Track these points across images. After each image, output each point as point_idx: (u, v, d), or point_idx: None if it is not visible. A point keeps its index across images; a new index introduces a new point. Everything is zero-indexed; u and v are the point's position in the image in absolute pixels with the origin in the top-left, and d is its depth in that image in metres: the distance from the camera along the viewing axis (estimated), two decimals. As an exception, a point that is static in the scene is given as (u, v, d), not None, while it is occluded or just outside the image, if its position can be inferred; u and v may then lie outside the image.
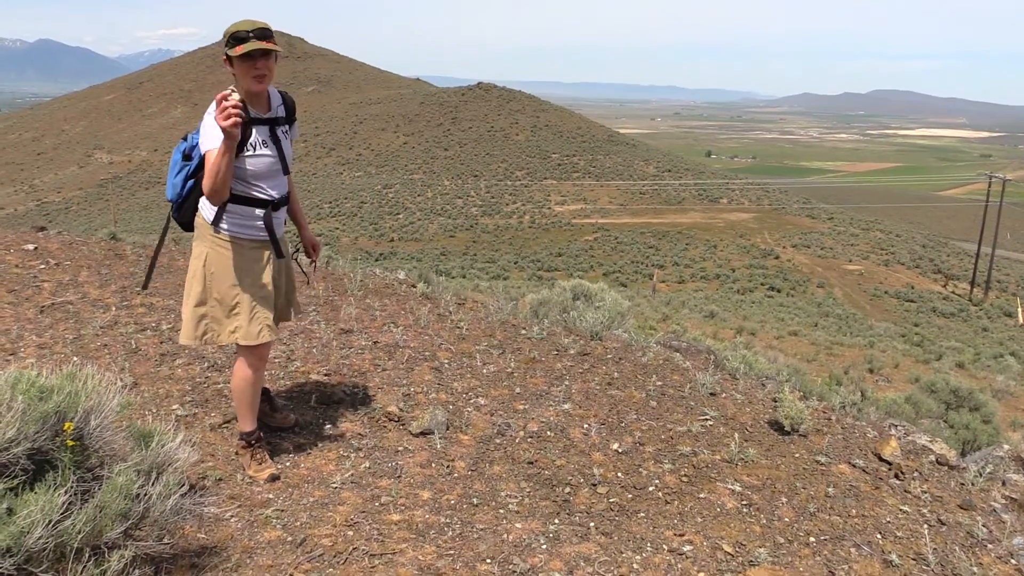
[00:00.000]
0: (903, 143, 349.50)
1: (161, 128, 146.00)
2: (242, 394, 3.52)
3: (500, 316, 6.38)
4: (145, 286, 3.97)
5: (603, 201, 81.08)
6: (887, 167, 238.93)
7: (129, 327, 5.42)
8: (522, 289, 23.44)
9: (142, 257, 7.78)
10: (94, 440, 2.76)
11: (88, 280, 6.63)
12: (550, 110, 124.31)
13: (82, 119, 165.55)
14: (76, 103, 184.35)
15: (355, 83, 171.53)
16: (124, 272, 7.03)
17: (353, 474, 3.61)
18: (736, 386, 5.25)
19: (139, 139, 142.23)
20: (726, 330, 23.47)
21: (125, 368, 4.61)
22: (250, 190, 3.35)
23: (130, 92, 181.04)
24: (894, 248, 65.37)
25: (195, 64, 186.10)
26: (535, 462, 3.87)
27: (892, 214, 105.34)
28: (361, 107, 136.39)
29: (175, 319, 5.68)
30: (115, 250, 7.98)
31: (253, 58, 3.15)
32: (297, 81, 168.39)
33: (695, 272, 55.05)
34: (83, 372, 2.88)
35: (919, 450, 4.45)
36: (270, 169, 3.36)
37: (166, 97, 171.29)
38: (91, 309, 5.80)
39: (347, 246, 62.66)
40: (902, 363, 19.23)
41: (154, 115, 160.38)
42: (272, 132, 3.36)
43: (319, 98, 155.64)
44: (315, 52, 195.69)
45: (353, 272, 7.57)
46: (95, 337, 5.17)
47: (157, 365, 4.74)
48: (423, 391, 4.62)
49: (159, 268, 7.26)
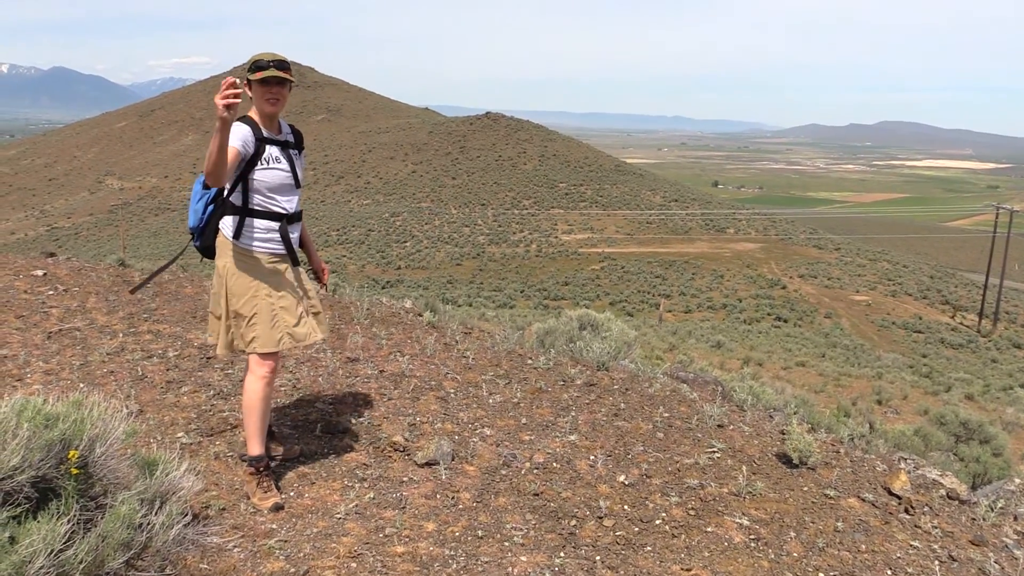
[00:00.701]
0: (910, 174, 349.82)
1: (172, 155, 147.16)
2: (252, 410, 3.58)
3: (506, 345, 6.37)
4: (134, 291, 4.08)
5: (610, 230, 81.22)
6: (894, 198, 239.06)
7: (136, 354, 5.42)
8: (528, 318, 23.42)
9: (150, 283, 7.80)
10: (98, 468, 2.75)
11: (96, 306, 6.65)
12: (558, 140, 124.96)
13: (94, 146, 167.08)
14: (88, 130, 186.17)
15: (364, 112, 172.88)
16: (132, 299, 7.05)
17: (357, 505, 3.58)
18: (744, 418, 5.21)
19: (150, 166, 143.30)
20: (733, 360, 23.35)
21: (131, 395, 4.61)
22: (267, 203, 3.57)
23: (142, 120, 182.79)
24: (901, 279, 65.16)
25: (206, 93, 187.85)
26: (541, 494, 3.83)
27: (899, 245, 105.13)
28: (370, 136, 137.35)
29: (181, 346, 5.68)
30: (123, 276, 8.01)
31: (269, 84, 3.51)
32: (307, 110, 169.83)
33: (702, 302, 54.93)
34: (89, 399, 2.88)
35: (929, 484, 4.40)
36: (284, 183, 3.60)
37: (177, 125, 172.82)
38: (98, 335, 5.81)
39: (354, 274, 62.81)
40: (911, 394, 19.09)
41: (165, 142, 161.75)
42: (285, 152, 3.63)
43: (329, 127, 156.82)
44: (325, 81, 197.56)
45: (360, 300, 7.57)
46: (102, 364, 5.17)
47: (163, 392, 4.74)
48: (429, 421, 4.60)
49: (167, 295, 7.28)
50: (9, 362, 5.07)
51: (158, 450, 3.19)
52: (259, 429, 3.60)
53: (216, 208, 3.60)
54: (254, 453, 3.60)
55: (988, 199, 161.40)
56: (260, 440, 3.61)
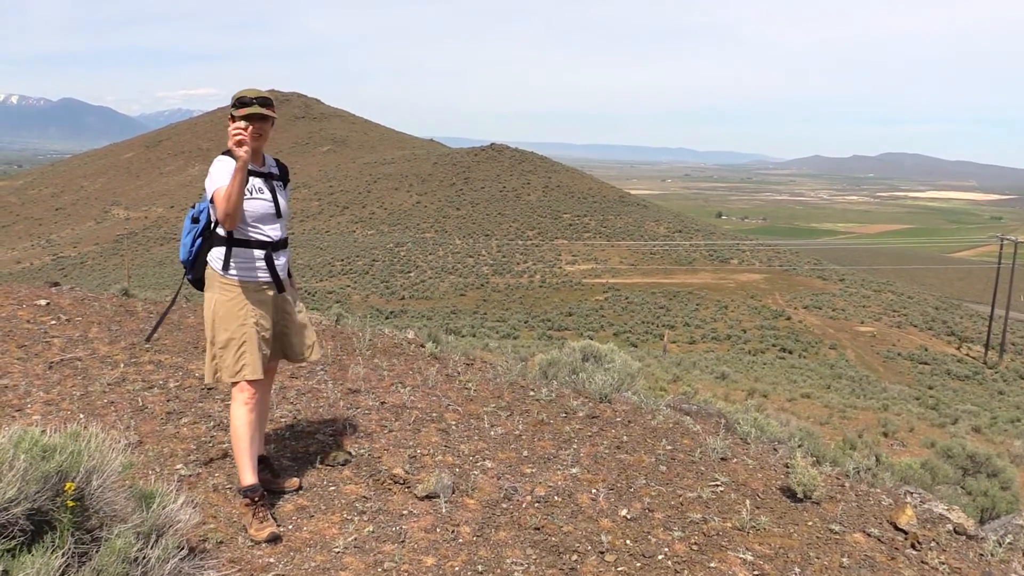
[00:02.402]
0: (913, 205, 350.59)
1: (178, 185, 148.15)
2: (240, 438, 3.64)
3: (509, 377, 6.34)
4: (149, 339, 4.24)
5: (614, 261, 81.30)
6: (898, 229, 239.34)
7: (136, 384, 5.41)
8: (531, 349, 23.39)
9: (152, 314, 7.81)
10: (95, 501, 2.73)
11: (98, 336, 6.65)
12: (562, 171, 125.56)
13: (101, 176, 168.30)
14: (96, 160, 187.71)
15: (370, 143, 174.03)
16: (134, 329, 7.05)
17: (356, 538, 3.55)
18: (747, 451, 5.17)
19: (156, 196, 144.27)
20: (737, 391, 23.25)
21: (131, 426, 4.59)
22: (252, 233, 3.68)
23: (149, 150, 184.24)
24: (906, 310, 64.99)
25: (213, 124, 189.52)
26: (542, 528, 3.79)
27: (903, 276, 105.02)
28: (375, 167, 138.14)
29: (183, 377, 5.67)
30: (126, 307, 8.02)
31: (252, 120, 3.61)
32: (313, 141, 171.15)
33: (706, 333, 54.79)
34: (87, 431, 2.86)
35: (936, 519, 4.35)
36: (267, 212, 3.72)
37: (184, 155, 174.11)
38: (99, 366, 5.80)
39: (358, 303, 62.87)
40: (917, 427, 18.96)
41: (171, 172, 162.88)
42: (268, 183, 3.77)
43: (334, 157, 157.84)
44: (331, 113, 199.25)
45: (362, 331, 7.57)
46: (102, 394, 5.16)
47: (163, 423, 4.72)
48: (429, 453, 4.57)
49: (169, 325, 7.28)
50: (9, 392, 5.06)
51: (156, 482, 3.16)
52: (248, 456, 3.65)
53: (204, 241, 3.73)
54: (247, 483, 3.63)
55: (992, 230, 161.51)
56: (251, 468, 3.65)
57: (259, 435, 3.90)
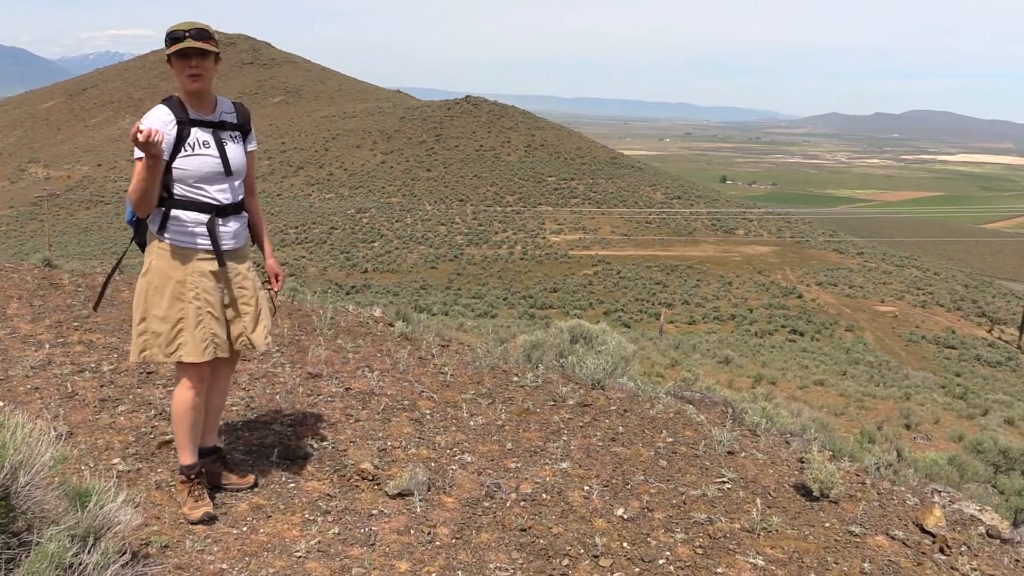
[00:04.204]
0: (942, 170, 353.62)
1: (106, 140, 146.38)
2: (181, 420, 3.66)
3: (489, 360, 6.36)
4: (96, 307, 4.11)
5: (604, 231, 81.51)
6: (924, 196, 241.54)
7: (65, 368, 5.37)
8: (512, 329, 23.44)
9: (80, 287, 7.74)
10: (22, 500, 2.72)
11: (18, 313, 6.59)
12: (546, 128, 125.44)
13: (15, 128, 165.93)
14: (8, 110, 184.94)
15: (328, 94, 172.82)
16: (60, 304, 6.99)
17: (320, 541, 3.56)
18: (757, 444, 5.23)
19: (80, 152, 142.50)
20: (743, 378, 23.48)
21: (60, 415, 4.57)
22: (193, 194, 3.55)
23: (72, 99, 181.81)
24: (932, 288, 65.78)
25: (147, 69, 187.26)
26: (528, 529, 3.82)
27: (930, 249, 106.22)
28: (334, 121, 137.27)
29: (117, 359, 5.64)
30: (50, 279, 7.94)
31: (188, 56, 3.46)
32: (262, 91, 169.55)
33: (707, 312, 55.22)
34: (12, 420, 2.84)
35: (967, 520, 4.43)
36: (212, 171, 3.57)
37: (113, 105, 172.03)
38: (21, 346, 5.76)
39: (315, 277, 62.66)
40: (943, 418, 19.24)
41: (99, 125, 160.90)
42: (216, 135, 3.61)
43: (287, 110, 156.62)
44: (283, 59, 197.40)
45: (323, 308, 7.55)
46: (25, 379, 5.12)
47: (96, 412, 4.70)
48: (401, 446, 4.59)
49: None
50: (-82, 376, 5.01)
51: (91, 479, 3.15)
52: (190, 439, 3.69)
53: None
54: (185, 462, 3.69)
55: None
56: (191, 450, 3.70)
57: (213, 422, 3.91)
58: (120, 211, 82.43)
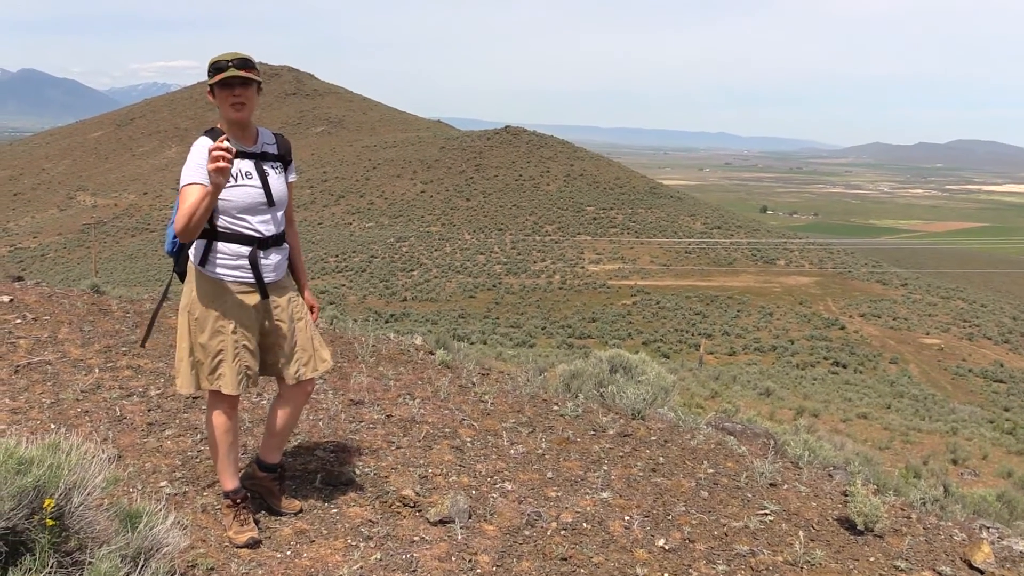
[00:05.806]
0: (988, 200, 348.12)
1: (152, 169, 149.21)
2: (219, 444, 3.72)
3: (529, 389, 6.38)
4: (143, 343, 4.09)
5: (643, 260, 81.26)
6: (970, 227, 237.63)
7: (114, 392, 5.48)
8: (551, 359, 23.41)
9: (129, 313, 7.90)
10: (75, 520, 2.78)
11: (69, 338, 6.74)
12: (585, 158, 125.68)
13: (65, 157, 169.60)
14: (59, 139, 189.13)
15: (369, 124, 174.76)
16: (109, 329, 7.14)
17: (362, 567, 3.59)
18: (799, 476, 5.19)
19: (127, 181, 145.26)
20: (784, 410, 23.20)
21: (108, 438, 4.66)
22: (235, 226, 3.57)
23: (120, 129, 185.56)
24: (979, 320, 64.60)
25: (193, 100, 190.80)
26: (569, 558, 3.82)
27: (976, 280, 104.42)
28: (375, 151, 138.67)
29: (164, 384, 5.74)
30: (99, 305, 8.11)
31: (231, 85, 3.47)
32: (305, 121, 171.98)
33: (748, 343, 54.71)
34: (67, 443, 2.91)
35: (1016, 557, 4.35)
36: (255, 202, 3.58)
37: (159, 135, 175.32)
38: (71, 370, 5.88)
39: (354, 305, 63.11)
40: (991, 454, 18.86)
41: (145, 155, 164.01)
42: (258, 167, 3.62)
43: (329, 140, 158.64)
44: (326, 90, 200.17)
45: (364, 336, 7.62)
46: (75, 402, 5.23)
47: (144, 436, 4.78)
48: (442, 473, 4.61)
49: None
50: (-27, 399, 5.14)
51: (140, 500, 3.22)
52: (229, 463, 3.75)
53: None
54: (228, 487, 3.75)
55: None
56: (231, 473, 3.76)
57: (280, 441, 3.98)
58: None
